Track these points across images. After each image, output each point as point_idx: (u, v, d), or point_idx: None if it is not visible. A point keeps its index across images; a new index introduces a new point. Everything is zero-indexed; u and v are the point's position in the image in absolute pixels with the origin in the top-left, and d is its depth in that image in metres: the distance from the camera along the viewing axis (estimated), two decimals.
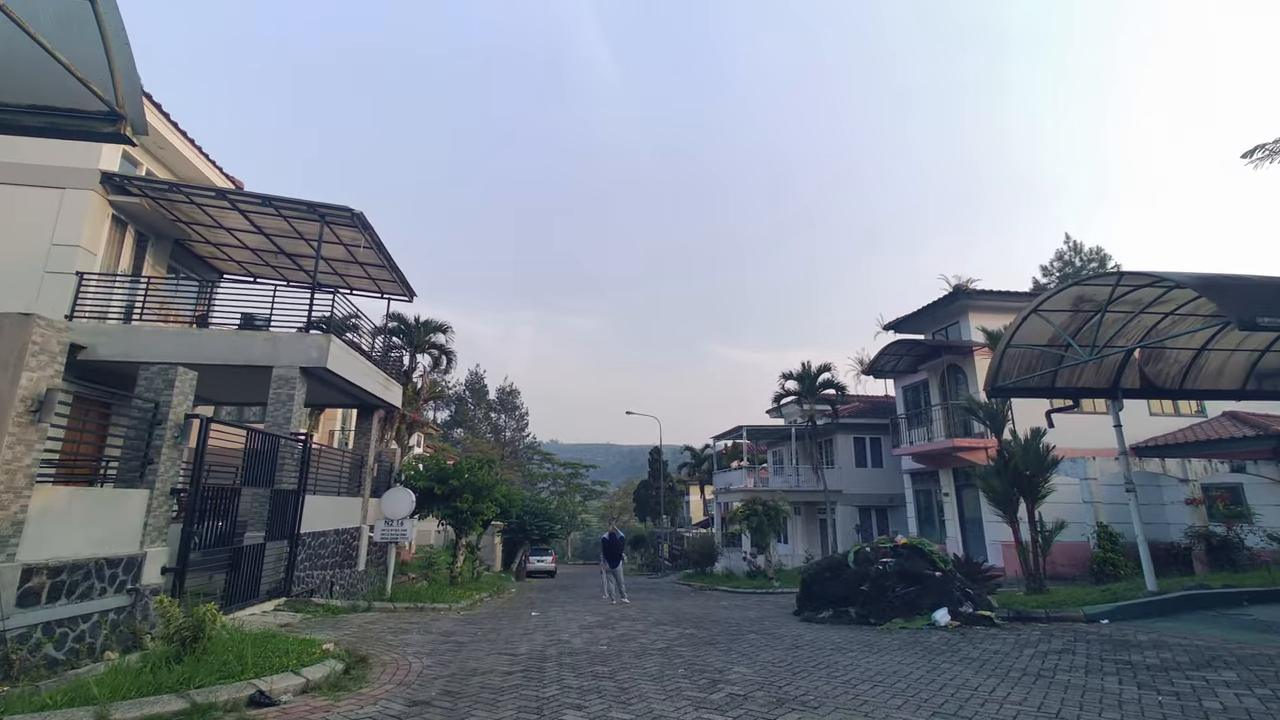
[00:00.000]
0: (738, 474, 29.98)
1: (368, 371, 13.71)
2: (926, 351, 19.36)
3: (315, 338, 11.41)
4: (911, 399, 22.22)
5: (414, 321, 20.68)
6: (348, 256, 14.74)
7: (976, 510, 17.85)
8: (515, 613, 12.37)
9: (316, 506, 12.27)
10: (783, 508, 18.63)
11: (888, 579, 8.85)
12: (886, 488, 27.39)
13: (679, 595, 17.82)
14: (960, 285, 17.53)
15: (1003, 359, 9.11)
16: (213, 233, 13.96)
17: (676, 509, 55.17)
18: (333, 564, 13.21)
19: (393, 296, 17.20)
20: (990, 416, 12.81)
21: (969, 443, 16.91)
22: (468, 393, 68.04)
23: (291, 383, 11.15)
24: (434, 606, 11.91)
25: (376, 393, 14.51)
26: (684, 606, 13.27)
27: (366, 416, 16.03)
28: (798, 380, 24.29)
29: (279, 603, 10.11)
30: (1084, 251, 27.50)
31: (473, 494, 17.68)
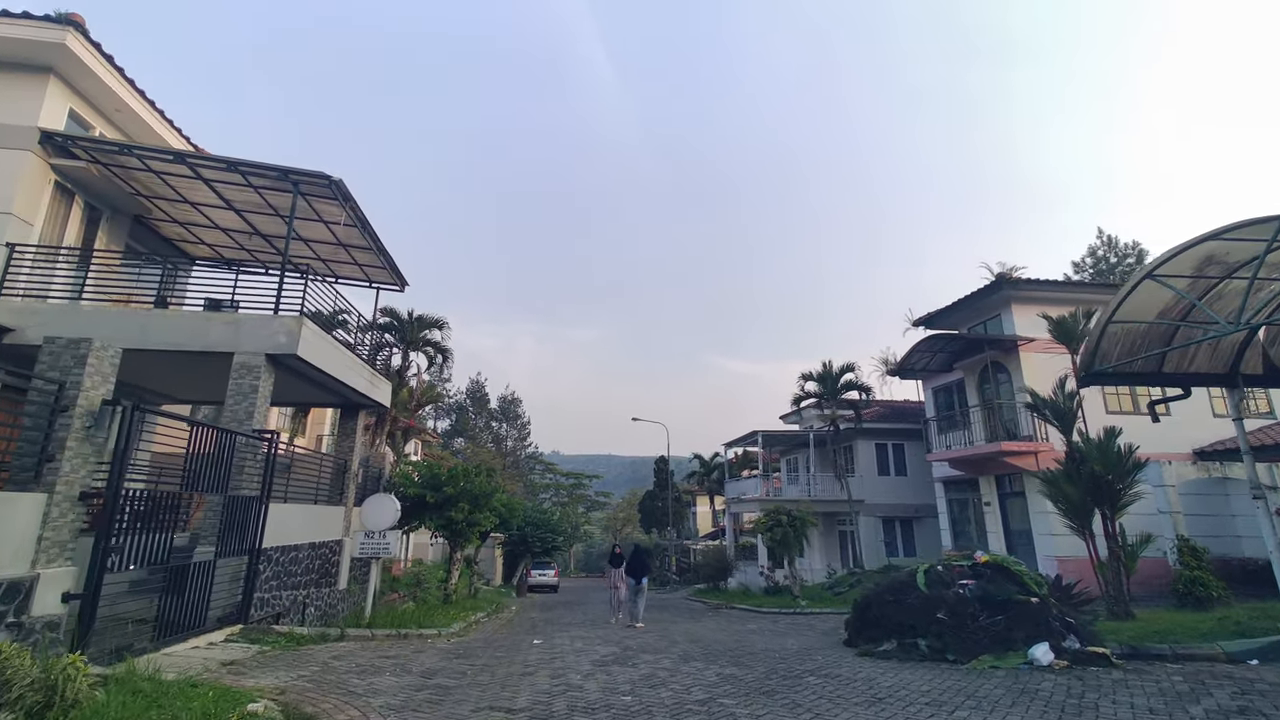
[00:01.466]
0: (751, 482, 28.29)
1: (350, 364, 12.15)
2: (964, 347, 17.77)
3: (284, 320, 9.87)
4: (943, 401, 20.59)
5: (407, 316, 19.15)
6: (329, 237, 13.25)
7: (1024, 521, 16.18)
8: (515, 640, 10.73)
9: (287, 516, 10.68)
10: (808, 518, 16.98)
11: (968, 605, 7.23)
12: (912, 497, 25.70)
13: (696, 615, 16.13)
14: (1004, 274, 15.98)
15: (1102, 338, 7.55)
16: (178, 209, 12.48)
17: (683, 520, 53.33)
18: (307, 582, 11.59)
19: (383, 286, 15.69)
20: (1058, 414, 11.20)
21: (1017, 446, 15.27)
22: (468, 401, 66.57)
23: (256, 372, 9.59)
24: (420, 632, 10.27)
25: (361, 389, 12.94)
26: (707, 631, 11.61)
27: (351, 416, 14.45)
28: (818, 381, 22.69)
29: (232, 632, 8.49)
30: (1119, 246, 25.98)
31: (469, 503, 16.09)
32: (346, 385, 12.16)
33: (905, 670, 6.93)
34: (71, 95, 10.58)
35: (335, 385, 12.29)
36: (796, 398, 23.20)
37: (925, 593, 7.60)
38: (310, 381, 11.89)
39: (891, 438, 26.63)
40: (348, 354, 12.09)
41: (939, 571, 7.95)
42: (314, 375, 11.38)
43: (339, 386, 12.39)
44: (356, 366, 12.58)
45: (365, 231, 12.47)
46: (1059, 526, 14.97)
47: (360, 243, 13.30)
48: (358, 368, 12.64)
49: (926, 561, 8.88)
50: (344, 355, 11.83)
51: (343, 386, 12.32)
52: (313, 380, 11.85)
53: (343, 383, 11.94)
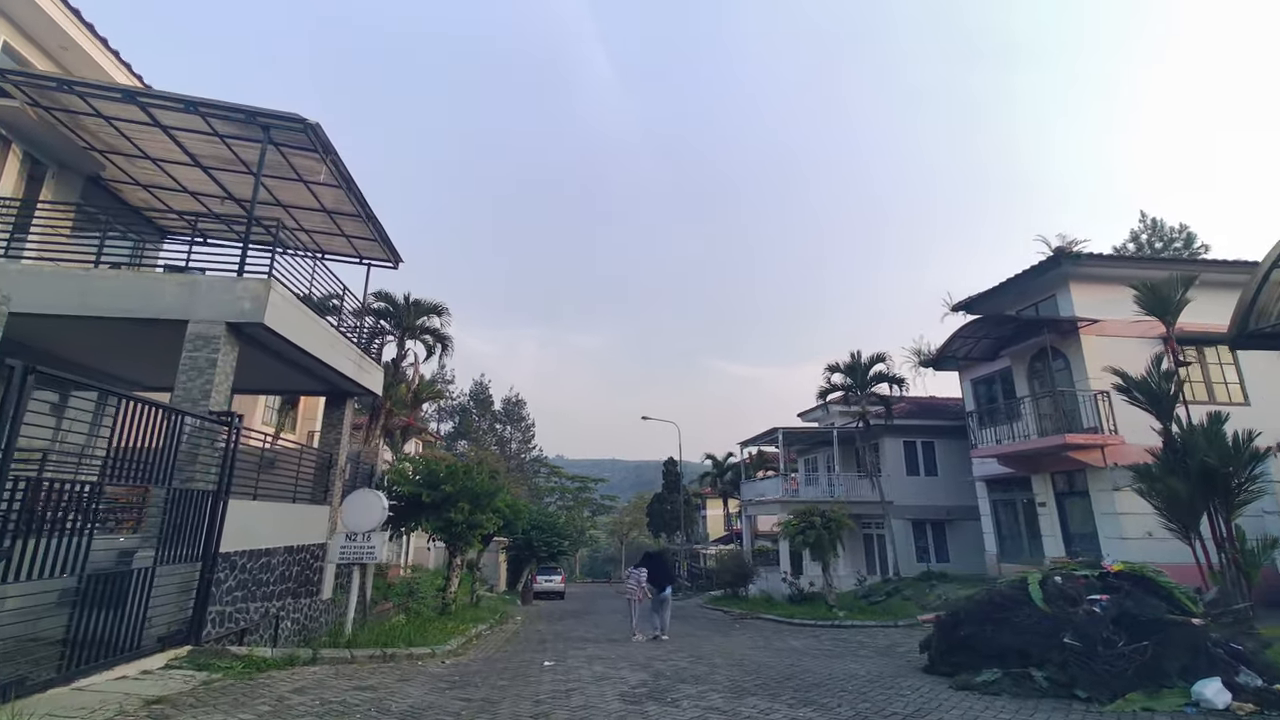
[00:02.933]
0: (771, 483, 26.66)
1: (333, 342, 10.64)
2: (1013, 333, 16.15)
3: (249, 283, 8.36)
4: (984, 393, 18.96)
5: (404, 300, 17.64)
6: (312, 202, 11.76)
7: (1087, 523, 14.52)
8: (521, 660, 9.15)
9: (256, 516, 9.16)
10: (844, 519, 15.36)
11: (1102, 627, 5.64)
12: (944, 498, 24.03)
13: (721, 627, 14.52)
14: (1063, 248, 14.35)
15: (1261, 291, 5.97)
16: (139, 168, 11.02)
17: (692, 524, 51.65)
18: (282, 592, 10.05)
19: (374, 262, 14.20)
20: (1153, 398, 9.59)
21: (1083, 439, 13.63)
22: (472, 403, 65.11)
23: (214, 344, 8.08)
24: (410, 652, 8.70)
25: (347, 373, 11.43)
26: (745, 649, 10.00)
27: (338, 406, 12.94)
28: (846, 372, 21.07)
29: (177, 655, 6.94)
30: (1164, 230, 24.32)
31: (470, 502, 14.53)
32: (329, 367, 10.65)
33: (1026, 712, 5.34)
34: (6, 26, 9.13)
35: (316, 367, 10.78)
36: (823, 390, 21.57)
37: (1043, 610, 6.01)
38: (286, 362, 10.38)
39: (920, 435, 24.99)
40: (330, 330, 10.58)
41: (1058, 584, 6.33)
42: (289, 353, 9.87)
43: (321, 369, 10.88)
44: (341, 346, 11.07)
45: (350, 193, 10.97)
46: (1132, 529, 13.34)
47: (347, 209, 11.80)
48: (342, 347, 11.13)
49: (1035, 569, 7.27)
50: (325, 331, 10.31)
51: (325, 369, 10.80)
52: (289, 360, 10.34)
53: (324, 364, 10.43)
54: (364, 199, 11.35)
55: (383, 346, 17.93)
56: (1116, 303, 15.09)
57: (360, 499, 9.22)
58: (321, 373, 11.26)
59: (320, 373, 11.28)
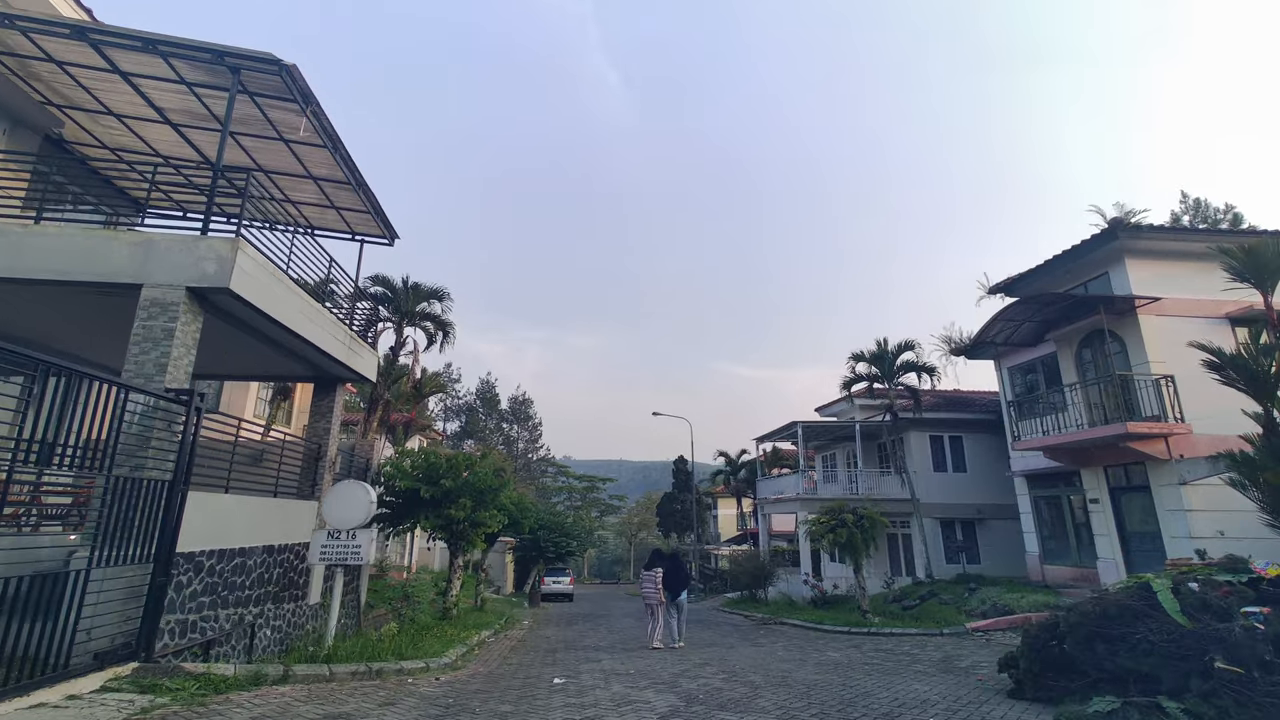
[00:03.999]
0: (790, 480, 25.42)
1: (316, 317, 9.54)
2: (1061, 313, 14.87)
3: (213, 243, 7.27)
4: (1023, 382, 17.67)
5: (402, 284, 16.56)
6: (295, 167, 10.69)
7: (1148, 521, 13.23)
8: (527, 676, 8.02)
9: (228, 511, 8.09)
10: (878, 517, 14.14)
11: (1261, 646, 4.44)
12: (974, 496, 22.72)
13: (745, 634, 13.33)
14: (1121, 219, 13.09)
15: None
16: (102, 126, 9.99)
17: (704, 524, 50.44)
18: (261, 597, 8.97)
19: (368, 238, 13.13)
20: (1251, 378, 8.32)
21: (1147, 427, 12.34)
22: (478, 402, 64.29)
23: (171, 311, 7.00)
24: (400, 667, 7.58)
25: (335, 354, 10.35)
26: (782, 663, 8.82)
27: (326, 391, 11.86)
28: (872, 361, 19.82)
29: (118, 674, 5.86)
30: (1209, 209, 22.90)
31: (472, 498, 13.40)
32: (313, 346, 9.56)
33: None
34: None
35: (299, 347, 9.71)
36: (847, 380, 20.33)
37: (1179, 624, 4.81)
38: (265, 340, 9.31)
39: (948, 429, 23.65)
40: (313, 305, 9.48)
41: (1197, 592, 5.12)
42: (265, 329, 8.80)
43: (304, 349, 9.81)
44: (327, 323, 9.98)
45: (337, 154, 9.88)
46: (1203, 527, 12.05)
47: (335, 175, 10.72)
48: (328, 324, 10.04)
49: (1160, 574, 6.03)
50: (307, 305, 9.22)
51: (309, 348, 9.72)
52: (267, 338, 9.27)
53: (307, 342, 9.34)
54: (352, 162, 10.25)
55: (379, 334, 16.90)
56: (1175, 280, 13.83)
57: (344, 491, 8.11)
58: (306, 354, 10.20)
59: (305, 354, 10.21)
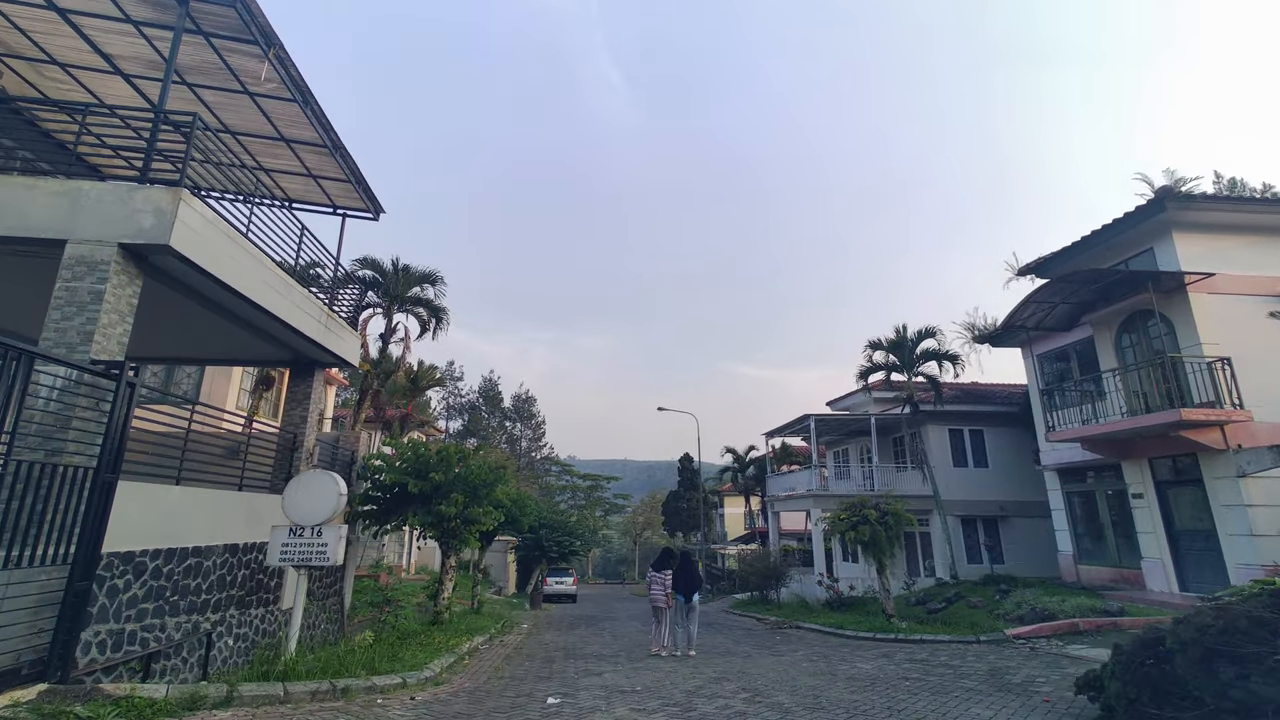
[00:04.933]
0: (801, 476, 24.35)
1: (283, 289, 8.55)
2: (1099, 294, 13.76)
3: (151, 193, 6.29)
4: (1056, 370, 16.55)
5: (392, 267, 15.57)
6: (265, 128, 9.70)
7: (1201, 518, 12.11)
8: (518, 694, 7.01)
9: (178, 506, 7.10)
10: (905, 514, 13.07)
11: None
12: (997, 492, 21.61)
13: (760, 640, 12.29)
14: (1170, 187, 11.96)
15: None
16: (46, 77, 9.02)
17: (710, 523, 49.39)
18: (222, 602, 7.98)
19: (350, 211, 12.15)
20: None
21: (1202, 414, 11.22)
22: (481, 400, 63.46)
23: (100, 271, 6.02)
24: (372, 684, 6.57)
25: (309, 333, 9.37)
26: (807, 676, 7.78)
27: (303, 376, 10.89)
28: (890, 350, 18.73)
29: (21, 698, 4.86)
30: (1245, 190, 21.61)
31: (465, 494, 12.42)
32: (280, 321, 8.57)
33: None
34: None
35: (267, 323, 8.71)
36: (863, 370, 19.23)
37: None
38: (229, 316, 8.32)
39: (968, 422, 22.54)
40: (279, 274, 8.49)
41: None
42: (225, 300, 7.81)
43: (272, 326, 8.81)
44: (298, 297, 8.98)
45: (307, 109, 8.89)
46: (1266, 524, 10.94)
47: (308, 135, 9.74)
48: (300, 299, 9.05)
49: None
50: (270, 273, 8.22)
51: (276, 324, 8.73)
52: (231, 314, 8.29)
53: (274, 316, 8.35)
54: (326, 120, 9.26)
55: (368, 320, 15.93)
56: (1227, 255, 12.70)
57: (309, 482, 7.11)
58: (276, 332, 9.21)
59: (275, 333, 9.22)
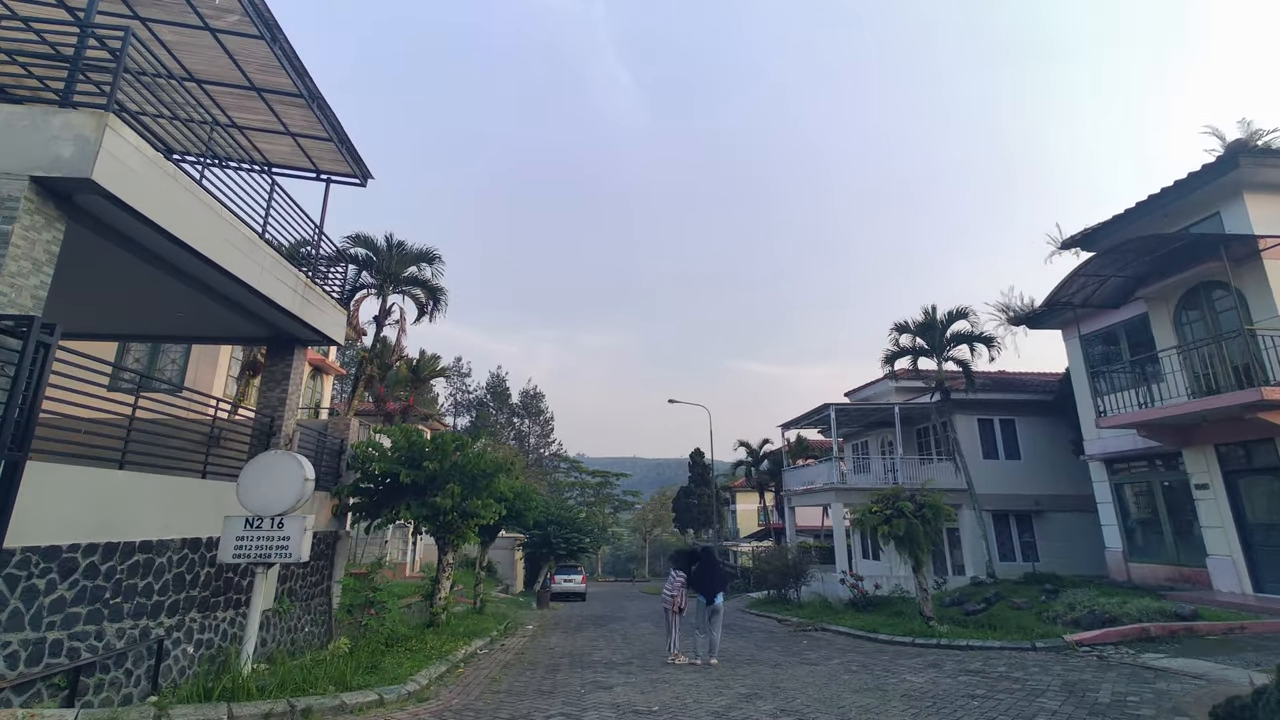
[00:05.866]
0: (820, 468, 23.15)
1: (249, 249, 7.53)
2: (1155, 265, 12.51)
3: (72, 117, 5.27)
4: (1101, 353, 15.30)
5: (386, 244, 14.55)
6: (231, 73, 8.67)
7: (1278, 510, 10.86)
8: (513, 713, 5.95)
9: (115, 493, 6.10)
10: (943, 505, 11.91)
11: None
12: (1029, 485, 20.39)
13: (786, 646, 11.20)
14: (1244, 140, 10.70)
15: None
16: None
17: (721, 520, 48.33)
18: (178, 605, 6.99)
19: (335, 177, 11.15)
20: None
21: None
22: (489, 396, 62.75)
23: (7, 209, 5.02)
24: (340, 702, 5.55)
25: (281, 301, 8.35)
26: (852, 693, 6.68)
27: (281, 354, 9.89)
28: (918, 333, 17.51)
29: None
30: None
31: (462, 484, 11.42)
32: (246, 286, 7.55)
33: None
34: None
35: (227, 287, 7.70)
36: (889, 354, 18.01)
37: None
38: (176, 274, 7.28)
39: (998, 411, 21.28)
40: (241, 229, 7.46)
41: None
42: (173, 256, 6.79)
43: (237, 291, 7.80)
44: (264, 257, 7.95)
45: (276, 48, 7.86)
46: None
47: (282, 84, 8.72)
48: (270, 263, 8.02)
49: None
50: (230, 228, 7.20)
51: (242, 290, 7.72)
52: (180, 272, 7.26)
53: (237, 279, 7.34)
54: (299, 63, 8.24)
55: (361, 300, 14.94)
56: None
57: (268, 465, 6.09)
58: (243, 300, 8.20)
59: (241, 300, 8.21)
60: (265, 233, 8.07)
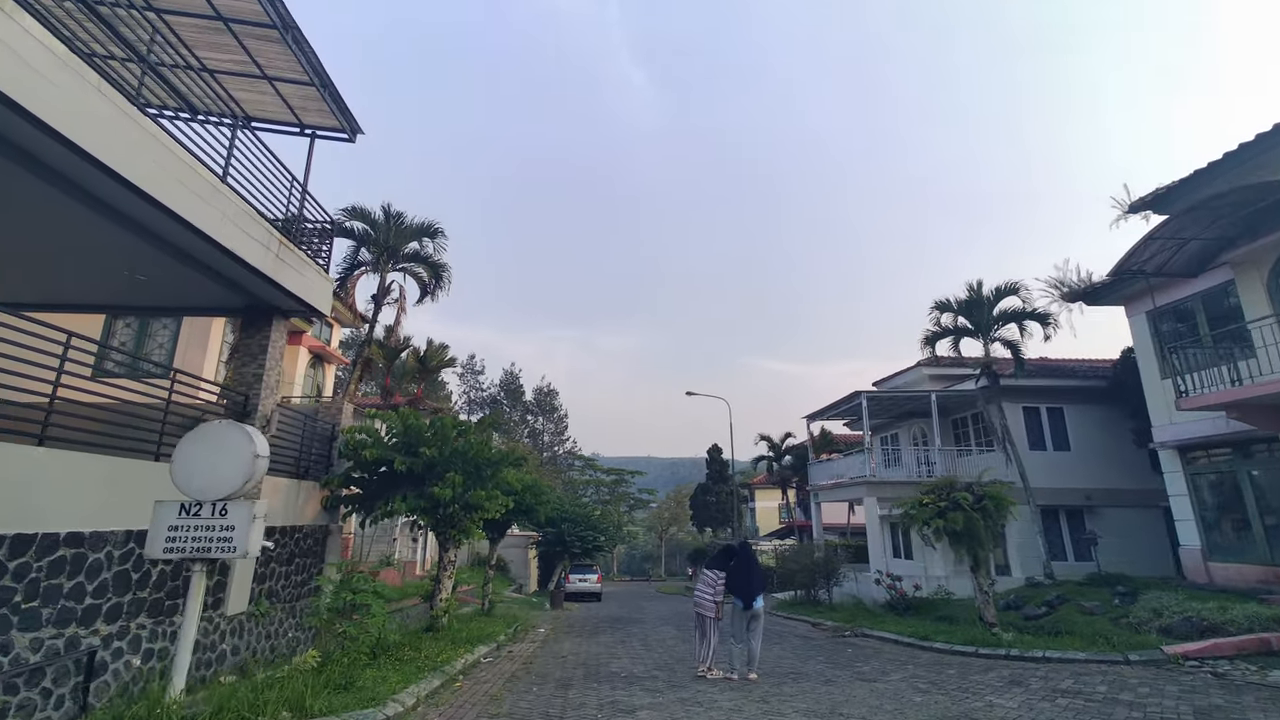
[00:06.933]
0: (853, 461, 21.69)
1: (206, 192, 6.39)
2: (1246, 225, 11.01)
3: None
4: (1170, 331, 13.77)
5: (383, 214, 13.42)
6: (197, 2, 7.56)
7: None
8: None
9: (30, 473, 5.01)
10: (1006, 497, 10.54)
11: None
12: (1079, 479, 18.76)
13: (830, 655, 9.90)
14: None
15: None
16: None
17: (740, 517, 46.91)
18: (120, 609, 5.89)
19: (320, 131, 10.02)
20: None
21: None
22: (502, 394, 61.97)
23: None
24: None
25: (252, 260, 7.23)
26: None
27: (257, 325, 8.77)
28: (961, 311, 16.04)
29: None
30: None
31: (465, 473, 10.28)
32: (203, 235, 6.43)
33: None
34: None
35: (181, 236, 6.57)
36: (929, 335, 16.56)
37: None
38: (117, 218, 6.16)
39: (1045, 399, 19.68)
40: (197, 169, 6.32)
41: None
42: (108, 194, 5.67)
43: (193, 242, 6.68)
44: (227, 205, 6.81)
45: None
46: None
47: (250, 11, 7.58)
48: (230, 208, 6.87)
49: None
50: (181, 164, 6.06)
51: (198, 241, 6.59)
52: (121, 215, 6.14)
53: (191, 226, 6.21)
54: None
55: (358, 279, 13.85)
56: None
57: (208, 438, 4.92)
58: (203, 255, 7.07)
59: (201, 255, 7.08)
60: (227, 177, 6.93)
